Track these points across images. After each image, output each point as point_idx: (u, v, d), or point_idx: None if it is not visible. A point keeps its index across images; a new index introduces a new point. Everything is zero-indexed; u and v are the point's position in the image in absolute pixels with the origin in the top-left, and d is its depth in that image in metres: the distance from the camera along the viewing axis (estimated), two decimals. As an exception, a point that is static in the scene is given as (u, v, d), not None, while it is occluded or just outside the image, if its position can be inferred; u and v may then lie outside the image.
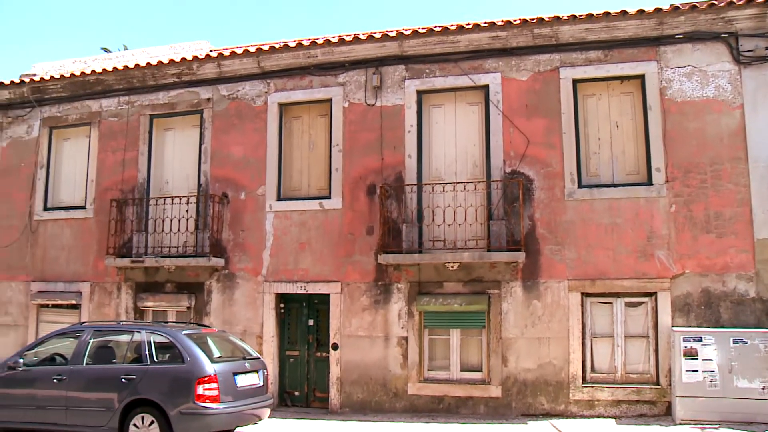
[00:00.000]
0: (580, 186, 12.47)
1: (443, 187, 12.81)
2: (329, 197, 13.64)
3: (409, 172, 13.18)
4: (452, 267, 12.56)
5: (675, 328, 11.52)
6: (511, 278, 12.50)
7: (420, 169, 13.22)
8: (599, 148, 12.68)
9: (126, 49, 25.64)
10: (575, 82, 12.72)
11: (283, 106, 14.28)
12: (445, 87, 13.33)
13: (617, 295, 12.17)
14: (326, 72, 13.97)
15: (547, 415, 11.99)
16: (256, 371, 10.57)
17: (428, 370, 12.83)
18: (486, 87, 13.07)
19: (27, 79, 16.32)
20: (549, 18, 12.64)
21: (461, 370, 12.66)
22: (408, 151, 13.26)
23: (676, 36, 12.31)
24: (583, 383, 11.99)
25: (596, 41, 12.61)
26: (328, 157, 13.86)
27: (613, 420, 11.50)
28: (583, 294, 12.22)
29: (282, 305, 13.90)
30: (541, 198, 12.56)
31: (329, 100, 13.92)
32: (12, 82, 16.25)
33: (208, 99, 14.72)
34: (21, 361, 10.63)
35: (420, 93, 13.43)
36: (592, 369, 12.14)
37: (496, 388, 12.30)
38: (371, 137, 13.51)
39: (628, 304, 12.17)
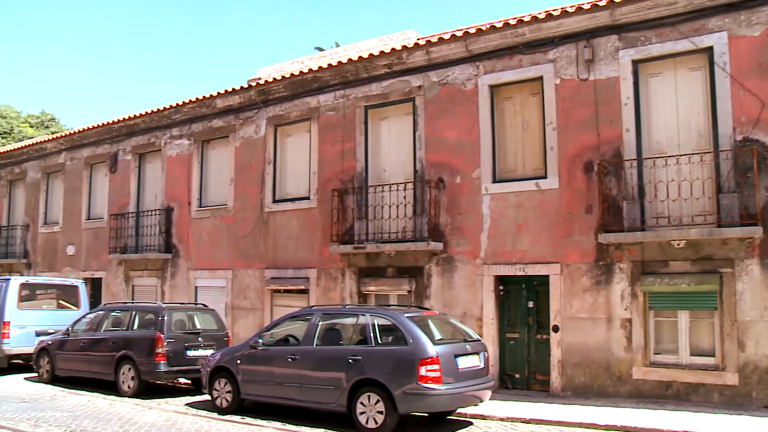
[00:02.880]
0: (827, 151, 11.17)
1: (665, 161, 12.09)
2: (545, 177, 13.36)
3: (628, 146, 12.56)
4: (678, 245, 11.83)
5: None
6: (746, 255, 11.50)
7: (639, 143, 12.55)
8: None
9: (338, 45, 26.91)
10: (822, 30, 11.31)
11: (493, 88, 14.19)
12: (662, 54, 12.50)
13: None
14: (535, 49, 13.67)
15: (795, 405, 10.94)
16: (477, 353, 10.66)
17: (654, 353, 12.21)
18: (710, 49, 12.05)
19: (253, 83, 17.73)
20: (787, -39, 11.31)
21: (691, 355, 11.90)
22: (626, 125, 12.63)
23: None
24: (837, 370, 10.80)
25: None
26: (542, 136, 13.58)
27: None
28: (834, 271, 10.99)
29: (501, 287, 13.87)
30: (780, 166, 11.42)
31: (540, 78, 13.62)
32: (242, 87, 17.76)
33: (419, 86, 14.98)
34: (260, 341, 11.72)
35: (635, 63, 12.72)
36: None
37: (732, 376, 11.41)
38: (586, 113, 13.04)
39: None
